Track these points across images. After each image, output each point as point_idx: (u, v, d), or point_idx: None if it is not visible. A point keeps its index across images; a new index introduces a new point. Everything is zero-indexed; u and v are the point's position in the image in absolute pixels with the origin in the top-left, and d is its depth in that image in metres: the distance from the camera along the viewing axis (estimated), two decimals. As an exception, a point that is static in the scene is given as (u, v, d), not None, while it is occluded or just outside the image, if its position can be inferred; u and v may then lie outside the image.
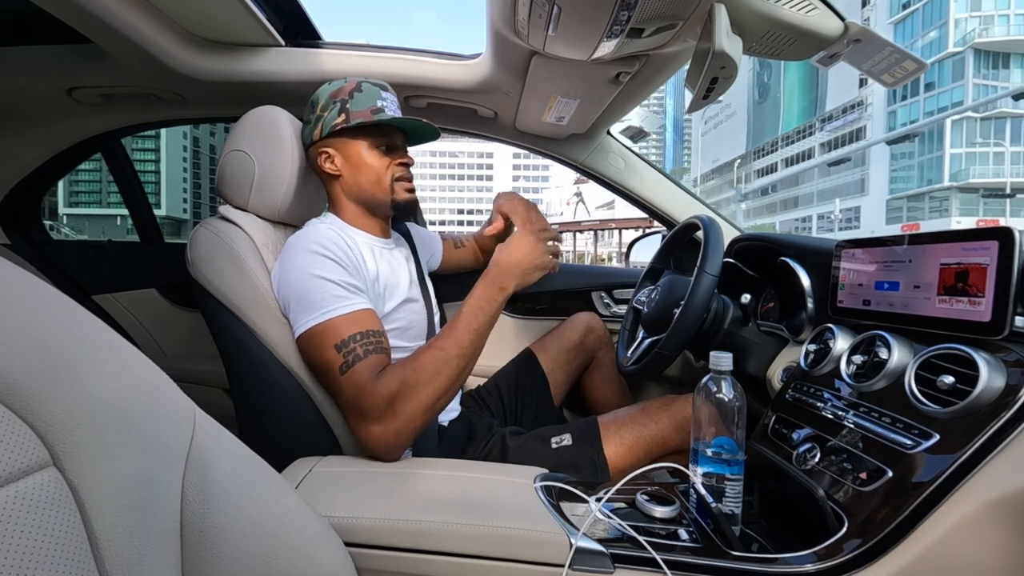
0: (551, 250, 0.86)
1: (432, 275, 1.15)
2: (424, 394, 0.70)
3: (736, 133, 65.64)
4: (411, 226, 1.12)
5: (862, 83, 42.92)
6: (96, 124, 1.36)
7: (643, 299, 1.14)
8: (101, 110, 1.26)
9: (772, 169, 56.25)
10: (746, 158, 63.39)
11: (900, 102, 40.33)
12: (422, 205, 1.27)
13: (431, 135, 0.95)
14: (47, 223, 1.60)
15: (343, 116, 0.85)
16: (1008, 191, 33.81)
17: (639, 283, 1.21)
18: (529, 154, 1.49)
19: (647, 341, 1.06)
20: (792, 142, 53.13)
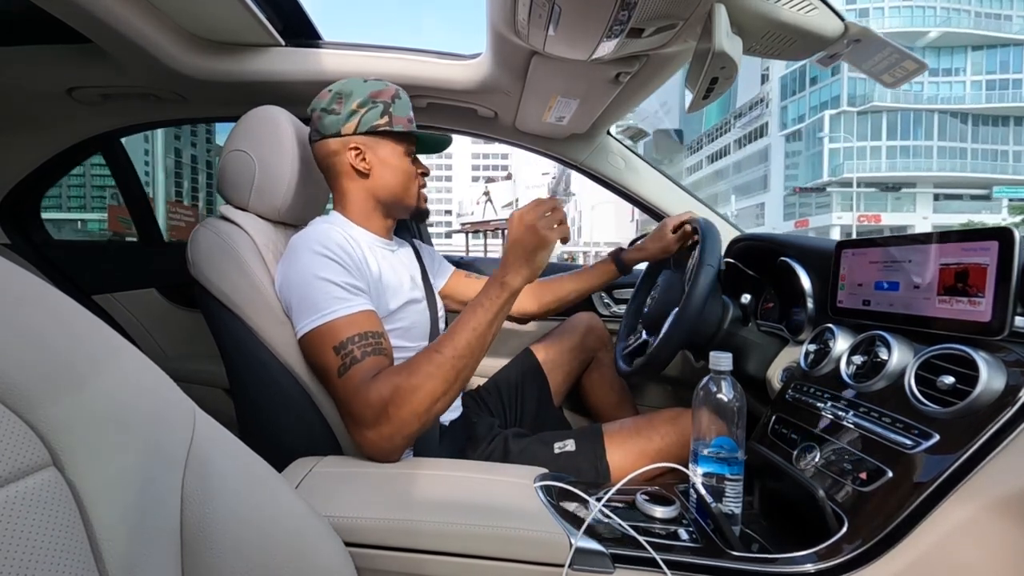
0: (551, 220, 0.72)
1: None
2: (418, 398, 0.67)
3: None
4: (418, 243, 1.13)
5: (763, 79, 43.10)
6: (96, 124, 1.36)
7: (642, 298, 1.14)
8: (101, 110, 1.26)
9: (699, 166, 56.07)
10: (677, 157, 63.03)
11: (791, 97, 40.40)
12: None
13: (438, 150, 1.00)
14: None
15: (386, 118, 0.86)
16: (860, 185, 33.94)
17: (639, 282, 1.21)
18: (488, 153, 1.46)
19: (643, 342, 1.06)
20: (714, 139, 53.25)
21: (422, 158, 0.98)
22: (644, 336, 1.08)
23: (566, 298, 1.17)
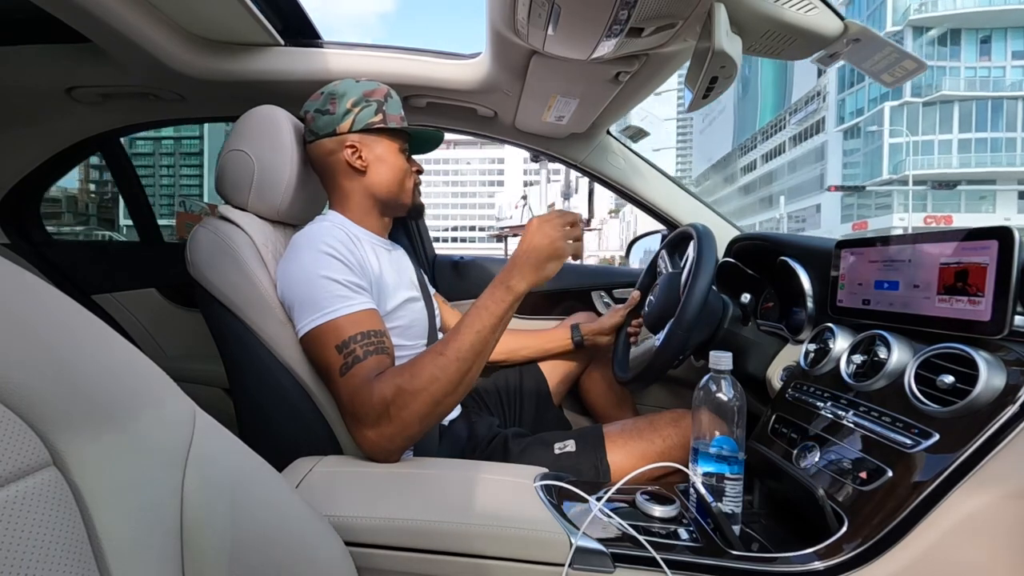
0: (569, 235, 0.74)
1: None
2: (420, 400, 0.67)
3: (726, 130, 63.46)
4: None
5: (820, 72, 38.87)
6: (96, 124, 1.35)
7: (642, 298, 1.14)
8: (101, 110, 1.26)
9: (753, 166, 53.57)
10: (731, 156, 60.81)
11: (848, 89, 36.70)
12: (434, 211, 1.25)
13: (432, 148, 1.02)
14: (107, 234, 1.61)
15: (380, 116, 0.87)
16: (951, 183, 28.51)
17: (639, 283, 1.21)
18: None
19: (641, 346, 1.07)
20: (769, 137, 50.28)
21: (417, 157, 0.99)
22: (633, 345, 1.10)
23: (519, 351, 1.19)
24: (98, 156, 1.52)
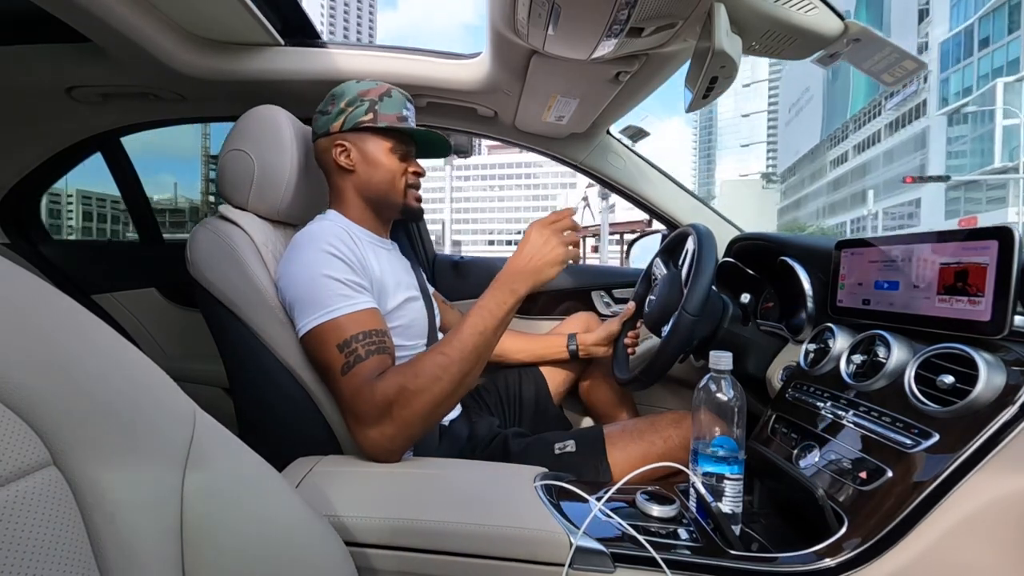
0: (567, 240, 0.76)
1: None
2: (423, 400, 0.68)
3: (814, 120, 58.70)
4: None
5: (920, 49, 32.41)
6: (96, 124, 1.36)
7: (642, 297, 1.15)
8: (101, 110, 1.26)
9: (844, 158, 48.46)
10: (820, 148, 55.51)
11: (953, 67, 30.63)
12: (509, 215, 1.23)
13: (442, 152, 0.99)
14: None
15: (371, 115, 0.87)
16: None
17: (639, 282, 1.21)
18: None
19: (640, 347, 1.07)
20: (861, 125, 44.84)
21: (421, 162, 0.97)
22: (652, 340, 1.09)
23: (515, 355, 1.19)
24: (215, 170, 1.52)
